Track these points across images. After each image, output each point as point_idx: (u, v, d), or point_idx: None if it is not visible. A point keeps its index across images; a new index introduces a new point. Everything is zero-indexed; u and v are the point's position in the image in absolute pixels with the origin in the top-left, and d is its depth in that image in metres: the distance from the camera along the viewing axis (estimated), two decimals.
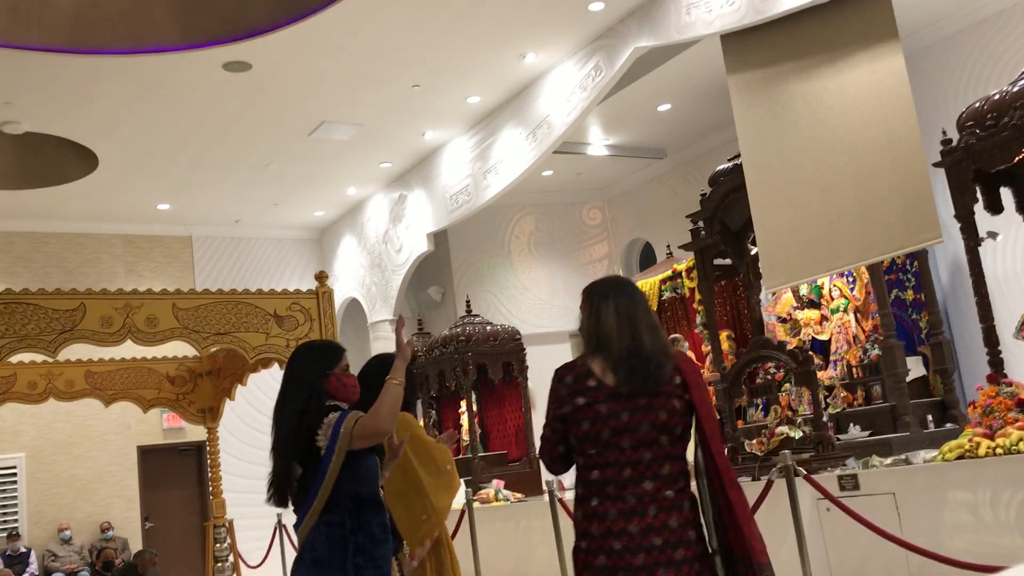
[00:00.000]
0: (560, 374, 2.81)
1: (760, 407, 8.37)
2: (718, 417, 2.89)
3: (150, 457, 13.19)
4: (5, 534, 11.84)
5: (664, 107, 11.24)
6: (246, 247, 14.56)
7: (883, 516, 5.12)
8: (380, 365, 3.82)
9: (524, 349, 11.00)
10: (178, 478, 13.42)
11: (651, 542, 2.63)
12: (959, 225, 6.13)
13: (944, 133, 6.51)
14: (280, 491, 3.23)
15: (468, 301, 11.84)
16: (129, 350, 7.11)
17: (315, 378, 3.26)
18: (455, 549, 4.15)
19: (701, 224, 8.82)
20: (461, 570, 4.35)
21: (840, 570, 5.55)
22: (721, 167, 8.69)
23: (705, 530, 2.77)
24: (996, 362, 5.86)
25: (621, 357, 2.72)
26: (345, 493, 3.13)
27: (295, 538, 3.32)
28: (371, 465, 3.23)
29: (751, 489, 5.75)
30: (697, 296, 9.53)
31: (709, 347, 9.28)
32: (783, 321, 9.05)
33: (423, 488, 3.88)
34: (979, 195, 6.18)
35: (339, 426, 3.11)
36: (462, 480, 9.60)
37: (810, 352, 8.04)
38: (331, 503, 3.12)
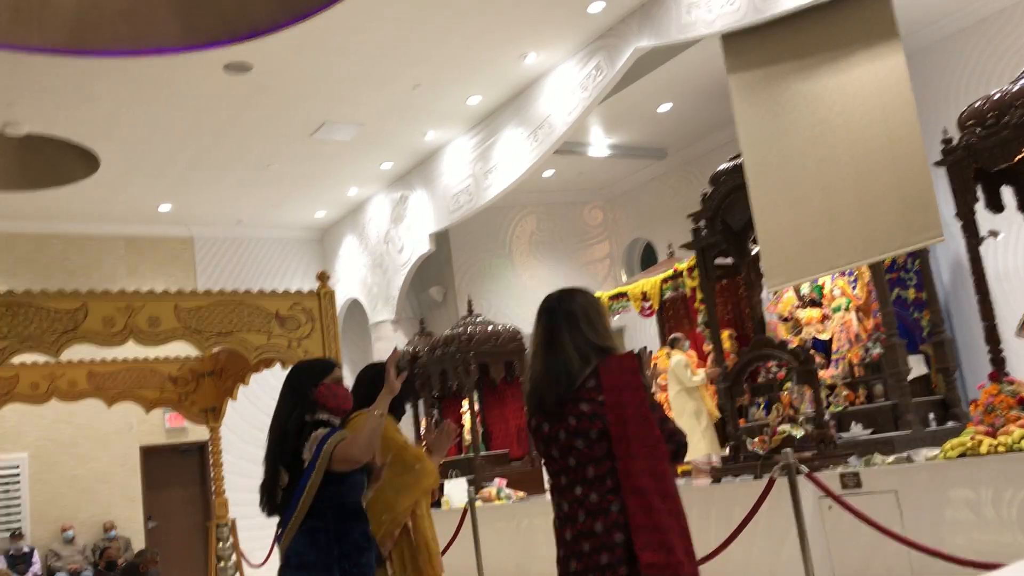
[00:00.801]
0: None
1: (762, 406, 8.36)
2: (651, 417, 2.73)
3: (153, 457, 13.20)
4: (8, 534, 11.86)
5: (665, 107, 11.24)
6: (247, 248, 14.57)
7: (885, 514, 5.12)
8: (372, 370, 4.03)
9: (526, 349, 11.00)
10: (181, 478, 13.44)
11: (581, 548, 2.65)
12: (960, 224, 6.13)
13: (945, 132, 6.50)
14: (270, 498, 3.36)
15: (470, 301, 11.85)
16: (131, 351, 7.12)
17: (305, 388, 3.43)
18: (433, 543, 4.10)
19: (702, 223, 8.81)
20: (455, 566, 4.34)
21: (842, 568, 5.56)
22: (722, 166, 8.68)
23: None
24: (998, 360, 5.86)
25: (531, 378, 2.85)
26: (330, 503, 3.26)
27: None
28: (357, 479, 3.38)
29: (753, 488, 5.77)
30: (699, 295, 9.52)
31: (711, 346, 9.29)
32: (785, 320, 9.05)
33: (384, 486, 3.86)
34: (980, 194, 6.18)
35: (323, 444, 3.25)
36: (464, 479, 9.64)
37: (812, 351, 8.03)
38: (314, 511, 3.24)
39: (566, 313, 2.80)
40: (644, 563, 2.52)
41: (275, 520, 3.42)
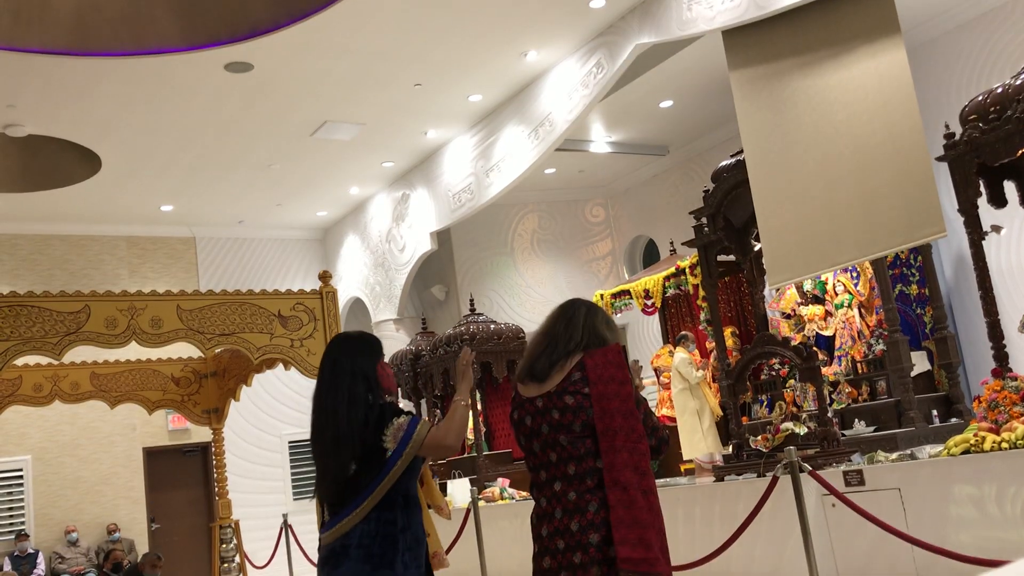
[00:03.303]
0: None
1: (765, 403, 8.36)
2: (636, 411, 2.71)
3: (156, 458, 13.21)
4: (12, 535, 11.87)
5: (666, 103, 11.23)
6: (249, 248, 14.58)
7: (888, 511, 5.11)
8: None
9: None
10: (184, 479, 13.44)
11: (556, 545, 2.64)
12: (963, 219, 6.12)
13: (947, 127, 6.50)
14: (337, 489, 3.08)
15: (472, 300, 11.84)
16: (134, 352, 7.13)
17: (371, 369, 3.19)
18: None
19: (704, 220, 8.80)
20: (458, 566, 4.34)
21: (846, 565, 5.55)
22: (724, 163, 8.67)
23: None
24: (1001, 356, 5.85)
25: (526, 359, 2.88)
26: (400, 491, 3.11)
27: (313, 535, 3.28)
28: (419, 466, 3.24)
29: (756, 486, 5.76)
30: (701, 293, 9.51)
31: (713, 343, 9.28)
32: (787, 317, 9.04)
33: None
34: (982, 189, 6.17)
35: (411, 432, 3.09)
36: (467, 479, 9.62)
37: (814, 348, 8.02)
38: (385, 501, 3.07)
39: (587, 304, 2.90)
40: (621, 557, 2.51)
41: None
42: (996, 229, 6.63)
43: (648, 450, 2.66)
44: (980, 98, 6.15)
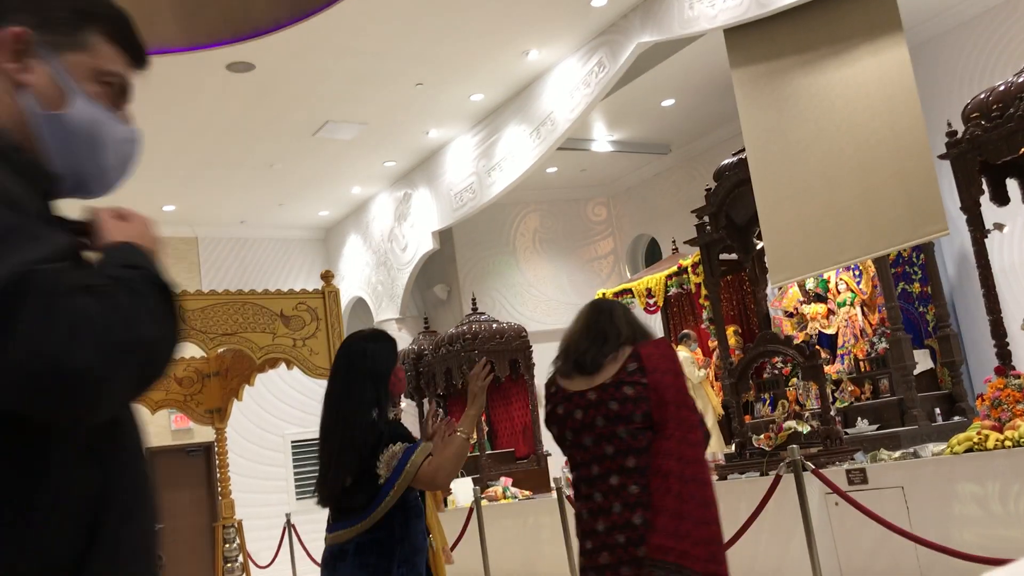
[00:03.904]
0: (545, 386, 2.92)
1: (767, 402, 8.35)
2: (691, 401, 2.73)
3: (158, 458, 13.21)
4: None
5: (668, 102, 11.22)
6: (251, 247, 14.58)
7: (892, 510, 5.11)
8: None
9: (531, 346, 11.01)
10: (186, 479, 13.45)
11: (615, 539, 2.59)
12: (965, 217, 6.12)
13: (949, 125, 6.49)
14: (336, 501, 3.06)
15: (474, 299, 11.84)
16: None
17: (387, 379, 3.08)
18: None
19: (706, 219, 8.80)
20: (461, 565, 4.34)
21: (849, 564, 5.55)
22: (726, 161, 8.67)
23: None
24: (1004, 354, 5.85)
25: (568, 353, 2.83)
26: (397, 505, 3.02)
27: (320, 534, 3.24)
28: (414, 493, 3.16)
29: (759, 484, 5.75)
30: (703, 291, 9.52)
31: (716, 342, 9.28)
32: (790, 315, 9.03)
33: None
34: (985, 187, 6.17)
35: (404, 463, 2.95)
36: (470, 478, 9.62)
37: (817, 346, 8.02)
38: (383, 521, 3.02)
39: (618, 302, 2.97)
40: (653, 545, 2.50)
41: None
42: (999, 227, 6.63)
43: (701, 440, 2.68)
44: (982, 96, 6.14)
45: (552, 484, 7.29)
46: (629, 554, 2.56)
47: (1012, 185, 6.45)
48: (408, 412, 11.92)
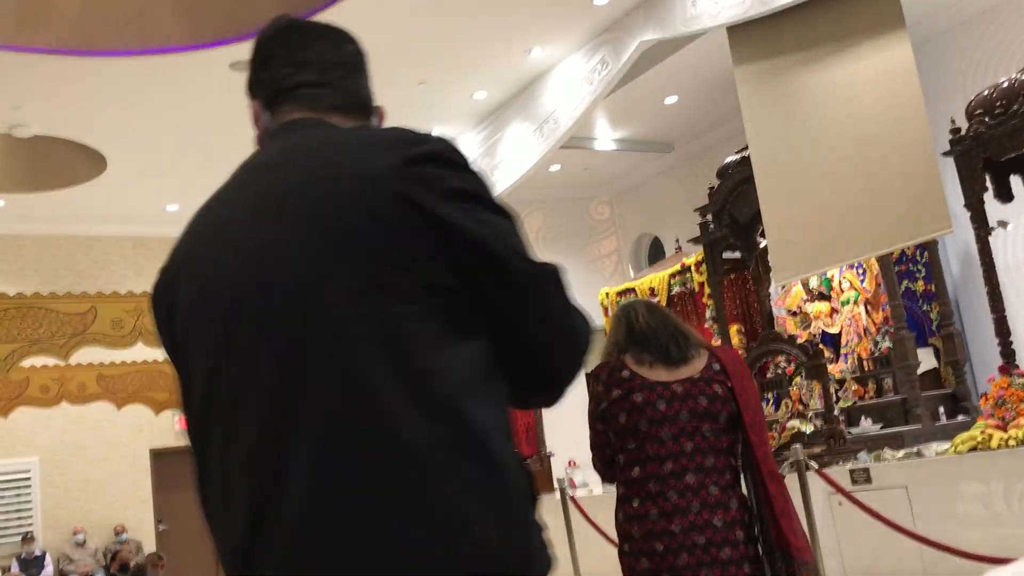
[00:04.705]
0: (594, 373, 2.77)
1: (771, 401, 8.34)
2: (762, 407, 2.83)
3: (163, 459, 13.22)
4: (20, 537, 11.90)
5: (671, 100, 11.20)
6: None
7: (896, 510, 5.09)
8: None
9: None
10: (191, 480, 13.39)
11: (694, 541, 2.54)
12: (969, 214, 6.10)
13: (953, 122, 6.47)
14: None
15: None
16: (140, 352, 7.14)
17: None
18: None
19: (710, 217, 8.79)
20: None
21: (853, 564, 5.54)
22: (729, 159, 8.66)
23: (757, 530, 2.67)
24: (1008, 353, 5.83)
25: (649, 342, 2.75)
26: None
27: None
28: None
29: None
30: (706, 290, 9.50)
31: (719, 341, 9.26)
32: (793, 314, 9.02)
33: None
34: (989, 184, 6.16)
35: None
36: None
37: (820, 345, 8.00)
38: None
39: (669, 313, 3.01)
40: (795, 546, 2.57)
41: None
42: (1003, 224, 6.61)
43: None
44: (986, 93, 6.13)
45: (555, 484, 7.28)
46: (710, 555, 2.53)
47: (1016, 182, 6.43)
48: None
